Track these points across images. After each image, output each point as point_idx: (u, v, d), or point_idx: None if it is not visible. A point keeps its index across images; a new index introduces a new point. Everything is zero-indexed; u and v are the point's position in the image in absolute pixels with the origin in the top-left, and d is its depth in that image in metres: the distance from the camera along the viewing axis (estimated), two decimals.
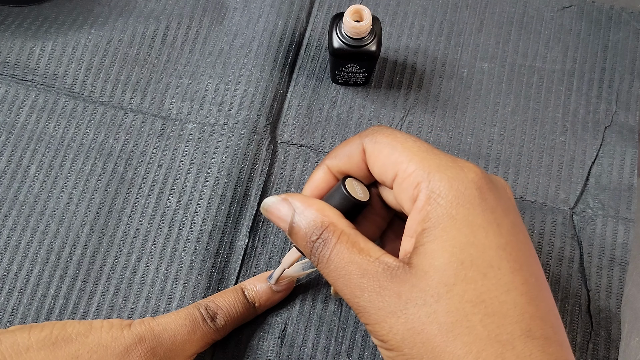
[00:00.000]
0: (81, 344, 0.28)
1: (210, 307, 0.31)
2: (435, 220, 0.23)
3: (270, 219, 0.28)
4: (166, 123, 0.38)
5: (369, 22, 0.33)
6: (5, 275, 0.34)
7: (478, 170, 0.24)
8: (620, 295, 0.35)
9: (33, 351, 0.27)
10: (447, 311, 0.22)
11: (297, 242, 0.26)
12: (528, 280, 0.23)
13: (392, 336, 0.23)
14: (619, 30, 0.40)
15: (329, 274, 0.25)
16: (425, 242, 0.23)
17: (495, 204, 0.24)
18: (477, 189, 0.23)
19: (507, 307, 0.22)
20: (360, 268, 0.24)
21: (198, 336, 0.30)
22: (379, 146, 0.26)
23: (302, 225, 0.26)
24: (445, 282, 0.22)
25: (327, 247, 0.25)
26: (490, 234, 0.23)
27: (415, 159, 0.24)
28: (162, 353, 0.29)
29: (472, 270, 0.22)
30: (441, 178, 0.23)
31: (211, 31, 0.40)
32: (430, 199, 0.23)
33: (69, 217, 0.35)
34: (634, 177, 0.37)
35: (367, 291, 0.23)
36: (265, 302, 0.33)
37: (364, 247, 0.24)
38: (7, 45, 0.39)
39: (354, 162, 0.27)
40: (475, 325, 0.22)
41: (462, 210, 0.23)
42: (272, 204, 0.27)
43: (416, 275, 0.23)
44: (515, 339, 0.22)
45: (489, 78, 0.39)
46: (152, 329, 0.29)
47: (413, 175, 0.24)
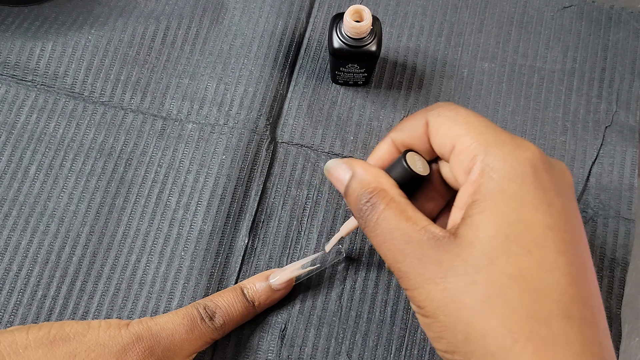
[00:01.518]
0: (79, 342, 0.28)
1: (209, 306, 0.31)
2: (485, 193, 0.23)
3: (329, 179, 0.29)
4: (166, 123, 0.38)
5: (369, 22, 0.33)
6: (5, 275, 0.34)
7: (536, 150, 0.24)
8: (620, 296, 0.34)
9: (31, 350, 0.27)
10: (486, 283, 0.22)
11: (349, 205, 0.27)
12: (573, 262, 0.23)
13: (429, 302, 0.23)
14: (619, 30, 0.40)
15: (374, 238, 0.25)
16: (473, 214, 0.23)
17: (549, 184, 0.24)
18: (532, 167, 0.23)
19: (548, 286, 0.22)
20: (405, 234, 0.24)
21: (196, 335, 0.30)
22: (442, 119, 0.26)
23: (356, 188, 0.26)
24: (488, 254, 0.22)
25: (375, 211, 0.25)
26: (539, 212, 0.23)
27: (474, 132, 0.24)
28: (159, 352, 0.29)
29: (516, 245, 0.22)
30: (497, 153, 0.23)
31: (211, 31, 0.40)
32: (484, 172, 0.23)
33: (69, 217, 0.35)
34: (635, 177, 0.37)
35: (409, 257, 0.24)
36: (265, 300, 0.32)
37: (412, 216, 0.25)
38: (7, 45, 0.39)
39: (417, 136, 0.27)
40: (513, 300, 0.22)
41: (514, 185, 0.23)
42: (334, 164, 0.28)
43: (460, 245, 0.23)
44: (552, 317, 0.22)
45: (489, 78, 0.39)
46: (150, 328, 0.29)
47: (470, 148, 0.24)
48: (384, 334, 0.33)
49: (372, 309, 0.34)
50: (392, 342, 0.33)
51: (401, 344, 0.33)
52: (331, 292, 0.34)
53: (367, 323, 0.34)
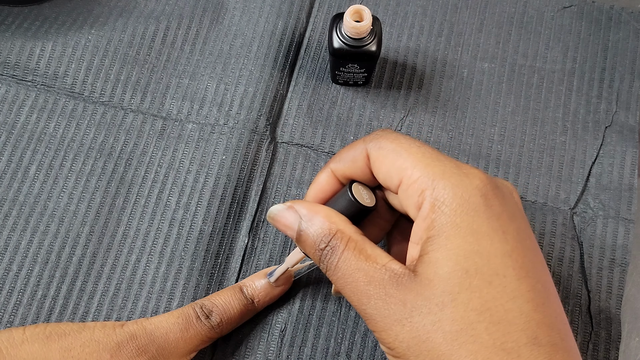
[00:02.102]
0: (74, 338, 0.29)
1: (206, 305, 0.31)
2: (439, 228, 0.23)
3: (276, 227, 0.28)
4: (166, 123, 0.38)
5: (369, 22, 0.33)
6: (5, 275, 0.34)
7: (483, 177, 0.24)
8: (620, 296, 0.34)
9: (28, 343, 0.28)
10: (452, 320, 0.22)
11: (305, 250, 0.27)
12: (535, 287, 0.23)
13: (398, 344, 0.23)
14: (619, 30, 0.40)
15: (337, 281, 0.25)
16: (430, 250, 0.23)
17: (500, 210, 0.23)
18: (482, 196, 0.23)
19: (513, 315, 0.22)
20: (366, 275, 0.24)
21: (191, 334, 0.30)
22: (384, 152, 0.25)
23: (310, 233, 0.26)
24: (450, 290, 0.22)
25: (335, 255, 0.25)
26: (495, 241, 0.23)
27: (420, 165, 0.24)
28: (154, 350, 0.29)
29: (476, 279, 0.22)
30: (445, 185, 0.23)
31: (211, 31, 0.40)
32: (435, 206, 0.23)
33: (69, 217, 0.35)
34: (635, 177, 0.37)
35: (373, 299, 0.23)
36: (265, 297, 0.32)
37: (371, 254, 0.24)
38: (7, 45, 0.39)
39: (358, 167, 0.27)
40: (481, 334, 0.22)
41: (467, 218, 0.23)
42: (278, 212, 0.27)
43: (421, 283, 0.23)
44: (520, 346, 0.21)
45: (489, 78, 0.39)
46: (145, 327, 0.30)
47: (418, 182, 0.24)
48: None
49: None
50: None
51: None
52: (331, 292, 0.34)
53: None
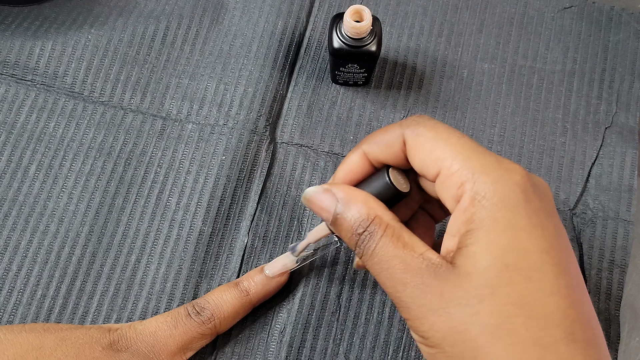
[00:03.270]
0: (69, 331, 0.30)
1: (199, 303, 0.32)
2: (479, 222, 0.23)
3: (311, 209, 0.28)
4: (166, 123, 0.38)
5: (369, 23, 0.33)
6: (5, 275, 0.34)
7: (523, 172, 0.24)
8: (619, 297, 0.35)
9: (25, 333, 0.30)
10: (490, 313, 0.22)
11: (341, 233, 0.26)
12: (570, 283, 0.23)
13: (433, 333, 0.23)
14: (619, 31, 0.40)
15: (372, 267, 0.25)
16: (469, 244, 0.23)
17: (539, 207, 0.24)
18: (522, 192, 0.23)
19: (551, 311, 0.22)
20: (403, 263, 0.24)
21: (180, 331, 0.31)
22: (421, 139, 0.25)
23: (347, 217, 0.26)
24: (489, 284, 0.22)
25: (372, 240, 0.25)
26: (533, 237, 0.23)
27: (459, 157, 0.24)
28: (144, 348, 0.30)
29: (515, 273, 0.22)
30: (486, 180, 0.23)
31: (211, 31, 0.40)
32: (475, 200, 0.23)
33: (68, 217, 0.35)
34: (634, 178, 0.37)
35: (409, 287, 0.23)
36: (261, 289, 0.32)
37: (409, 242, 0.24)
38: (7, 45, 0.39)
39: (393, 152, 0.27)
40: (518, 328, 0.22)
41: (506, 213, 0.23)
42: (315, 194, 0.27)
43: (459, 275, 0.23)
44: (557, 342, 0.22)
45: (489, 79, 0.39)
46: (135, 327, 0.31)
47: (457, 175, 0.24)
48: (381, 336, 0.34)
49: (371, 309, 0.34)
50: (390, 344, 0.33)
51: (398, 346, 0.33)
52: (330, 292, 0.34)
53: (365, 324, 0.34)
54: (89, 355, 0.29)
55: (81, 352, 0.29)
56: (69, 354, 0.29)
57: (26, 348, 0.29)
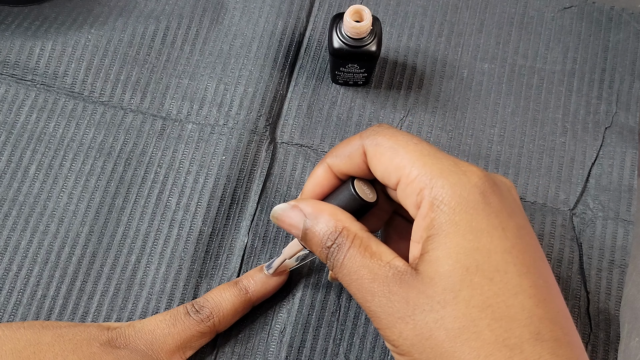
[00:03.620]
0: (68, 329, 0.30)
1: (198, 302, 0.32)
2: (438, 227, 0.23)
3: (281, 227, 0.28)
4: (166, 123, 0.38)
5: (369, 23, 0.33)
6: (5, 275, 0.34)
7: (481, 174, 0.24)
8: (619, 297, 0.35)
9: (23, 329, 0.30)
10: (454, 317, 0.22)
11: (311, 248, 0.27)
12: (536, 282, 0.23)
13: (402, 341, 0.23)
14: (619, 31, 0.40)
15: (342, 278, 0.25)
16: (430, 249, 0.23)
17: (499, 207, 0.24)
18: (481, 194, 0.23)
19: (515, 311, 0.22)
20: (371, 272, 0.24)
21: (179, 329, 0.31)
22: (381, 149, 0.25)
23: (316, 231, 0.26)
24: (451, 288, 0.22)
25: (341, 252, 0.25)
26: (495, 238, 0.23)
27: (418, 163, 0.24)
28: (142, 346, 0.30)
29: (477, 276, 0.22)
30: (443, 184, 0.23)
31: (211, 31, 0.40)
32: (434, 205, 0.23)
33: (68, 217, 0.35)
34: (634, 178, 0.37)
35: (377, 296, 0.24)
36: (260, 288, 0.32)
37: (376, 251, 0.25)
38: (7, 45, 0.39)
39: (355, 163, 0.27)
40: (483, 330, 0.22)
41: (465, 216, 0.23)
42: (283, 211, 0.27)
43: (423, 281, 0.23)
44: (523, 342, 0.22)
45: (489, 79, 0.39)
46: (134, 326, 0.31)
47: (416, 181, 0.24)
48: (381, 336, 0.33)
49: None
50: None
51: None
52: (330, 292, 0.34)
53: (365, 324, 0.34)
54: (87, 351, 0.29)
55: (78, 348, 0.29)
56: (66, 349, 0.29)
57: (23, 343, 0.29)
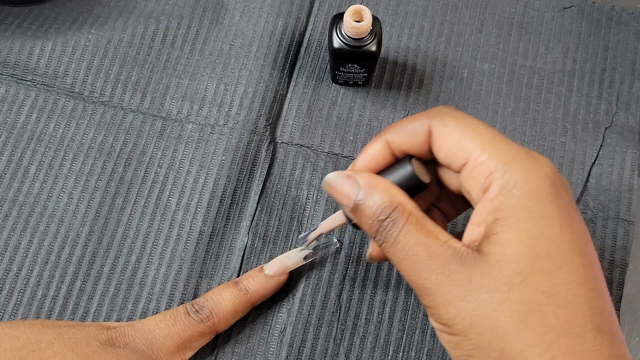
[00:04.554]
0: (68, 328, 0.31)
1: (198, 302, 0.32)
2: (509, 210, 0.23)
3: (331, 195, 0.27)
4: (166, 123, 0.38)
5: (369, 23, 0.33)
6: (6, 275, 0.34)
7: (552, 165, 0.24)
8: (619, 297, 0.35)
9: (24, 327, 0.30)
10: (520, 300, 0.22)
11: (360, 220, 0.26)
12: (597, 276, 0.23)
13: (459, 320, 0.23)
14: (619, 31, 0.40)
15: (394, 254, 0.25)
16: (499, 231, 0.23)
17: (567, 199, 0.24)
18: (551, 184, 0.23)
19: (580, 301, 0.22)
20: (428, 250, 0.24)
21: (179, 329, 0.31)
22: (449, 129, 0.25)
23: (370, 204, 0.25)
24: (520, 271, 0.22)
25: (395, 227, 0.25)
26: (564, 228, 0.23)
27: (488, 147, 0.24)
28: (142, 345, 0.30)
29: (547, 262, 0.22)
30: (516, 170, 0.23)
31: (211, 31, 0.40)
32: (505, 189, 0.23)
33: (68, 217, 0.35)
34: (634, 178, 0.37)
35: (434, 273, 0.23)
36: (260, 288, 0.32)
37: (433, 230, 0.24)
38: (7, 45, 0.39)
39: (418, 141, 0.26)
40: (549, 316, 0.22)
41: (538, 202, 0.23)
42: (336, 179, 0.27)
43: (488, 262, 0.23)
44: (586, 332, 0.22)
45: (489, 79, 0.39)
46: (133, 325, 0.31)
47: (485, 164, 0.24)
48: (382, 336, 0.34)
49: (371, 309, 0.34)
50: (390, 344, 0.33)
51: (399, 346, 0.33)
52: (330, 292, 0.34)
53: (366, 324, 0.34)
54: (86, 349, 0.29)
55: (77, 346, 0.29)
56: (65, 347, 0.29)
57: (23, 341, 0.29)
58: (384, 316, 0.34)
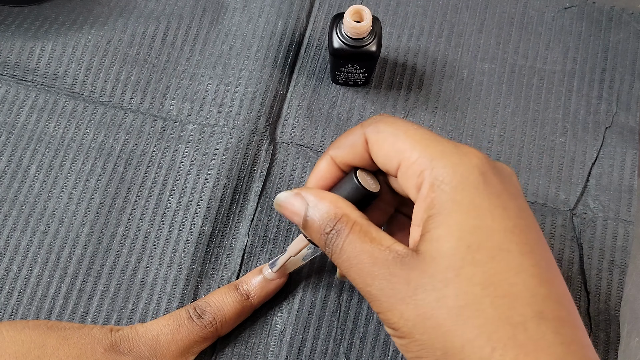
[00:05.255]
0: (72, 331, 0.30)
1: (200, 305, 0.32)
2: (439, 206, 0.23)
3: (283, 214, 0.28)
4: (166, 124, 0.38)
5: (369, 23, 0.33)
6: (6, 275, 0.34)
7: (481, 156, 0.24)
8: (619, 297, 0.35)
9: (28, 330, 0.30)
10: (456, 295, 0.22)
11: (311, 235, 0.27)
12: (538, 262, 0.23)
13: (403, 323, 0.23)
14: (619, 31, 0.40)
15: (341, 264, 0.25)
16: (431, 228, 0.23)
17: (500, 188, 0.24)
18: (481, 174, 0.23)
19: (518, 289, 0.22)
20: (371, 256, 0.24)
21: (183, 335, 0.31)
22: (382, 135, 0.25)
23: (316, 218, 0.26)
24: (453, 266, 0.22)
25: (340, 238, 0.25)
26: (496, 217, 0.23)
27: (418, 146, 0.24)
28: (146, 351, 0.30)
29: (479, 253, 0.22)
30: (444, 164, 0.23)
31: (211, 31, 0.40)
32: (434, 185, 0.23)
33: (68, 218, 0.35)
34: (635, 178, 0.37)
35: (377, 279, 0.24)
36: (260, 292, 0.32)
37: (376, 237, 0.25)
38: (7, 45, 0.39)
39: (357, 152, 0.27)
40: (486, 308, 0.22)
41: (467, 194, 0.23)
42: (285, 198, 0.27)
43: (424, 261, 0.23)
44: (527, 320, 0.21)
45: (489, 79, 0.39)
46: (137, 330, 0.31)
47: (417, 163, 0.24)
48: (381, 336, 0.34)
49: (371, 309, 0.34)
50: (390, 344, 0.33)
51: None
52: (330, 292, 0.34)
53: (366, 324, 0.34)
54: (91, 357, 0.29)
55: (83, 353, 0.29)
56: (70, 354, 0.29)
57: (28, 346, 0.29)
58: None
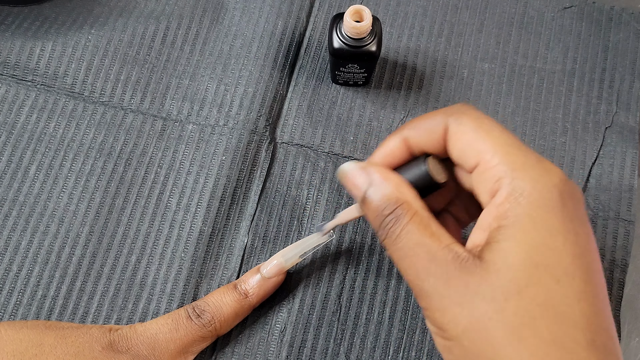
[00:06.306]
0: (71, 330, 0.30)
1: (199, 305, 0.32)
2: (513, 218, 0.23)
3: (344, 185, 0.27)
4: (166, 124, 0.38)
5: (369, 23, 0.33)
6: (6, 275, 0.34)
7: (562, 175, 0.24)
8: (619, 297, 0.35)
9: (26, 329, 0.30)
10: (515, 311, 0.22)
11: (367, 213, 0.26)
12: (598, 292, 0.23)
13: (453, 326, 0.23)
14: (619, 31, 0.40)
15: (395, 252, 0.25)
16: (501, 239, 0.23)
17: (574, 212, 0.23)
18: (560, 195, 0.23)
19: (576, 316, 0.22)
20: (429, 252, 0.24)
21: (181, 334, 0.31)
22: (463, 128, 0.25)
23: (376, 197, 0.25)
24: (517, 282, 0.22)
25: (398, 224, 0.24)
26: (568, 241, 0.23)
27: (500, 152, 0.24)
28: (144, 350, 0.30)
29: (545, 274, 0.22)
30: (525, 177, 0.23)
31: (211, 31, 0.40)
32: (511, 196, 0.23)
33: (68, 218, 0.35)
34: (634, 178, 0.37)
35: (433, 276, 0.23)
36: (259, 291, 0.32)
37: (436, 232, 0.24)
38: (7, 45, 0.39)
39: (434, 139, 0.26)
40: (542, 329, 0.21)
41: (543, 213, 0.23)
42: (350, 170, 0.27)
43: (487, 270, 0.22)
44: (579, 347, 0.21)
45: (489, 79, 0.39)
46: (136, 329, 0.31)
47: (496, 169, 0.24)
48: (382, 336, 0.34)
49: (371, 309, 0.34)
50: (390, 344, 0.33)
51: (399, 346, 0.33)
52: (330, 292, 0.34)
53: (366, 324, 0.34)
54: (89, 355, 0.29)
55: (80, 352, 0.29)
56: (68, 352, 0.29)
57: (26, 345, 0.29)
58: (384, 316, 0.34)
